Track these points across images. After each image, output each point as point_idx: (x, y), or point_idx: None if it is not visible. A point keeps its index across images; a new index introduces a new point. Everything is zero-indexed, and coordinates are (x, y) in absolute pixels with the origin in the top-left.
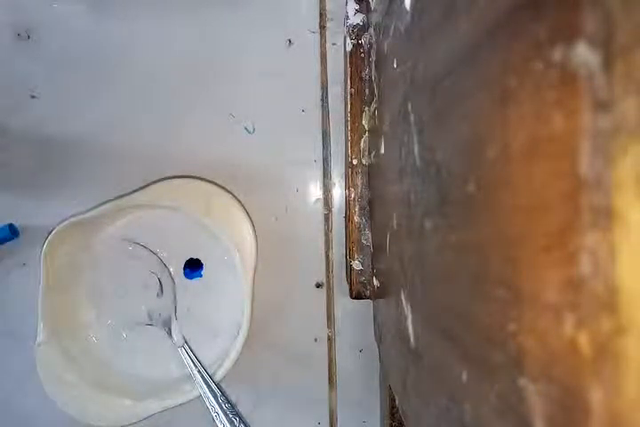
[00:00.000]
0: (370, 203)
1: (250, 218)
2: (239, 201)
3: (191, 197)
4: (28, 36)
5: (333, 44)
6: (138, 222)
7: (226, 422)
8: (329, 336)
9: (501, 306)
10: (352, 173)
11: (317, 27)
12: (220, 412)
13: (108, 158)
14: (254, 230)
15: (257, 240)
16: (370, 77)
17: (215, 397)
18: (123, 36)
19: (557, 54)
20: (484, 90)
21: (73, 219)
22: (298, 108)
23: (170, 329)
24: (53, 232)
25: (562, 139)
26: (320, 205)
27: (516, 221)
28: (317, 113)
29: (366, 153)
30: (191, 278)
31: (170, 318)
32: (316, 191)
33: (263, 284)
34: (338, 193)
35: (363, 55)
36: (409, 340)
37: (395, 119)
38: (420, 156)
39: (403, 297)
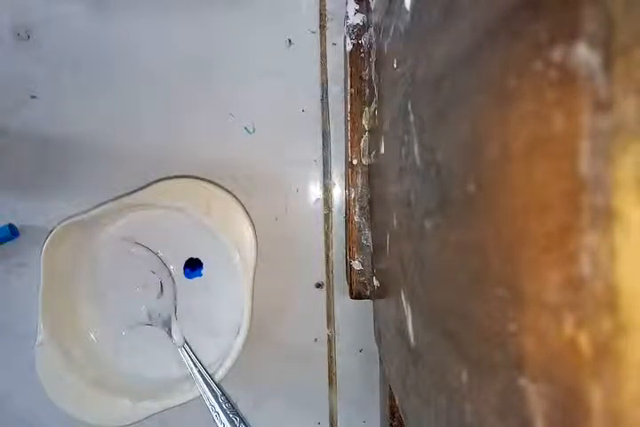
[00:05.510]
0: (370, 203)
1: (250, 218)
2: (239, 201)
3: (191, 197)
4: (28, 36)
5: (333, 44)
6: (138, 222)
7: (226, 421)
8: (329, 336)
9: (501, 306)
10: (352, 173)
11: (317, 27)
12: (220, 412)
13: (108, 158)
14: (254, 230)
15: (257, 240)
16: (370, 77)
17: (215, 397)
18: (123, 35)
19: (557, 54)
20: (484, 90)
21: (73, 219)
22: (298, 108)
23: (170, 329)
24: (53, 232)
25: (562, 139)
26: (320, 205)
27: (515, 220)
28: (317, 113)
29: (366, 153)
30: (191, 278)
31: (170, 318)
32: (316, 191)
33: (263, 284)
34: (338, 193)
35: (363, 55)
36: (409, 340)
37: (395, 119)
38: (420, 155)
39: (403, 297)
